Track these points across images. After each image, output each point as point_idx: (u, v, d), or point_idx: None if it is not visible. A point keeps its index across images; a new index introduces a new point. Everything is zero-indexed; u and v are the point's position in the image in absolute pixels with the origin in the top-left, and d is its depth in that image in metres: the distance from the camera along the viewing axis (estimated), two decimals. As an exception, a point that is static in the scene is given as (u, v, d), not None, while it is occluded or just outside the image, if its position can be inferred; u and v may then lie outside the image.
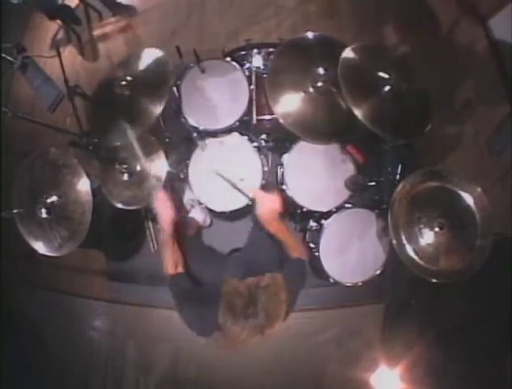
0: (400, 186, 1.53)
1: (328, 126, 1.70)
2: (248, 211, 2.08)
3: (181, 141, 1.97)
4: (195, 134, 1.75)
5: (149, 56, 1.73)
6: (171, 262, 1.32)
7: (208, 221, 2.21)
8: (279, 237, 1.39)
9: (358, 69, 1.59)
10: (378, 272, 1.73)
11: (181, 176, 1.91)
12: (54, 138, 2.01)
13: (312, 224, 1.91)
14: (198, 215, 2.13)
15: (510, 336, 1.49)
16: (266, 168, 1.81)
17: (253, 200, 1.50)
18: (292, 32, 2.51)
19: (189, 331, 1.24)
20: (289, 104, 1.66)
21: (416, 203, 1.53)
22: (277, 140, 2.00)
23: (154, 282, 2.26)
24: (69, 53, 2.73)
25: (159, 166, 1.82)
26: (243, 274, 1.27)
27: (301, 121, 1.66)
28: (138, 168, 1.83)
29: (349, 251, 1.74)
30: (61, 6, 2.62)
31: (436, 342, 1.77)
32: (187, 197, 2.22)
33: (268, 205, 1.33)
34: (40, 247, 1.69)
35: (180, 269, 1.33)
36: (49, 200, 1.65)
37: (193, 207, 2.20)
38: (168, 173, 1.81)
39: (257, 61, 1.81)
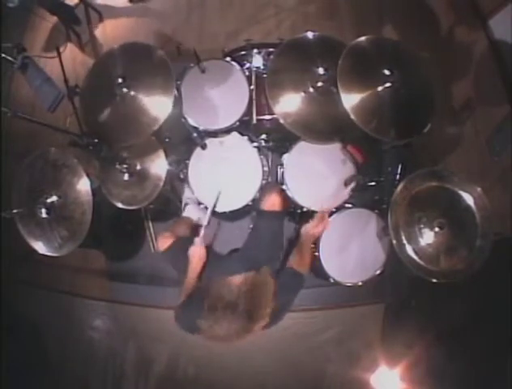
0: (400, 186, 1.53)
1: (328, 126, 1.70)
2: (248, 211, 2.09)
3: (181, 141, 1.97)
4: (195, 134, 1.76)
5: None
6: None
7: (205, 220, 2.19)
8: (300, 245, 1.47)
9: (362, 60, 1.59)
10: (378, 272, 1.73)
11: (181, 176, 1.91)
12: (54, 138, 2.01)
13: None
14: (192, 213, 2.12)
15: (510, 336, 1.49)
16: (266, 168, 1.81)
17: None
18: (292, 32, 2.51)
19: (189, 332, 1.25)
20: (289, 104, 1.66)
21: (416, 203, 1.52)
22: (277, 140, 2.00)
23: (154, 282, 2.26)
24: (69, 53, 2.74)
25: (159, 166, 1.82)
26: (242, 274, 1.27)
27: (301, 121, 1.66)
28: (138, 167, 1.83)
29: (349, 251, 1.74)
30: (62, 3, 2.62)
31: (436, 342, 1.77)
32: (185, 196, 2.21)
33: (319, 229, 1.46)
34: (40, 247, 1.69)
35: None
36: (49, 200, 1.65)
37: (187, 204, 2.17)
38: (168, 172, 1.81)
39: (257, 61, 1.81)
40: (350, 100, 1.52)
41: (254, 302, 1.10)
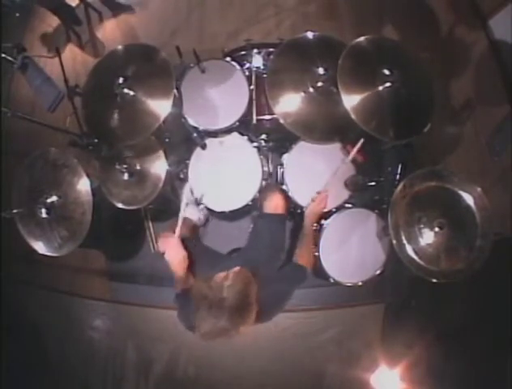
0: (400, 186, 1.53)
1: (328, 126, 1.70)
2: (248, 211, 2.09)
3: (181, 141, 1.97)
4: (195, 134, 1.75)
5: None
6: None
7: (203, 220, 2.19)
8: (302, 239, 1.52)
9: (362, 59, 1.59)
10: (378, 272, 1.73)
11: (181, 176, 1.91)
12: (54, 138, 2.01)
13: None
14: (192, 214, 2.12)
15: (510, 336, 1.49)
16: (266, 168, 1.81)
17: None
18: (292, 32, 2.51)
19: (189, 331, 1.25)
20: (289, 104, 1.66)
21: (416, 203, 1.52)
22: (277, 140, 2.00)
23: (154, 282, 2.26)
24: (69, 53, 2.74)
25: (159, 166, 1.82)
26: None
27: (301, 121, 1.66)
28: (138, 167, 1.83)
29: (349, 251, 1.74)
30: (62, 3, 2.62)
31: (436, 342, 1.77)
32: (185, 196, 2.21)
33: (321, 206, 1.58)
34: (40, 247, 1.69)
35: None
36: (49, 200, 1.65)
37: (187, 205, 2.17)
38: (168, 172, 1.81)
39: (257, 61, 1.81)
40: (350, 100, 1.52)
41: (237, 301, 1.09)
